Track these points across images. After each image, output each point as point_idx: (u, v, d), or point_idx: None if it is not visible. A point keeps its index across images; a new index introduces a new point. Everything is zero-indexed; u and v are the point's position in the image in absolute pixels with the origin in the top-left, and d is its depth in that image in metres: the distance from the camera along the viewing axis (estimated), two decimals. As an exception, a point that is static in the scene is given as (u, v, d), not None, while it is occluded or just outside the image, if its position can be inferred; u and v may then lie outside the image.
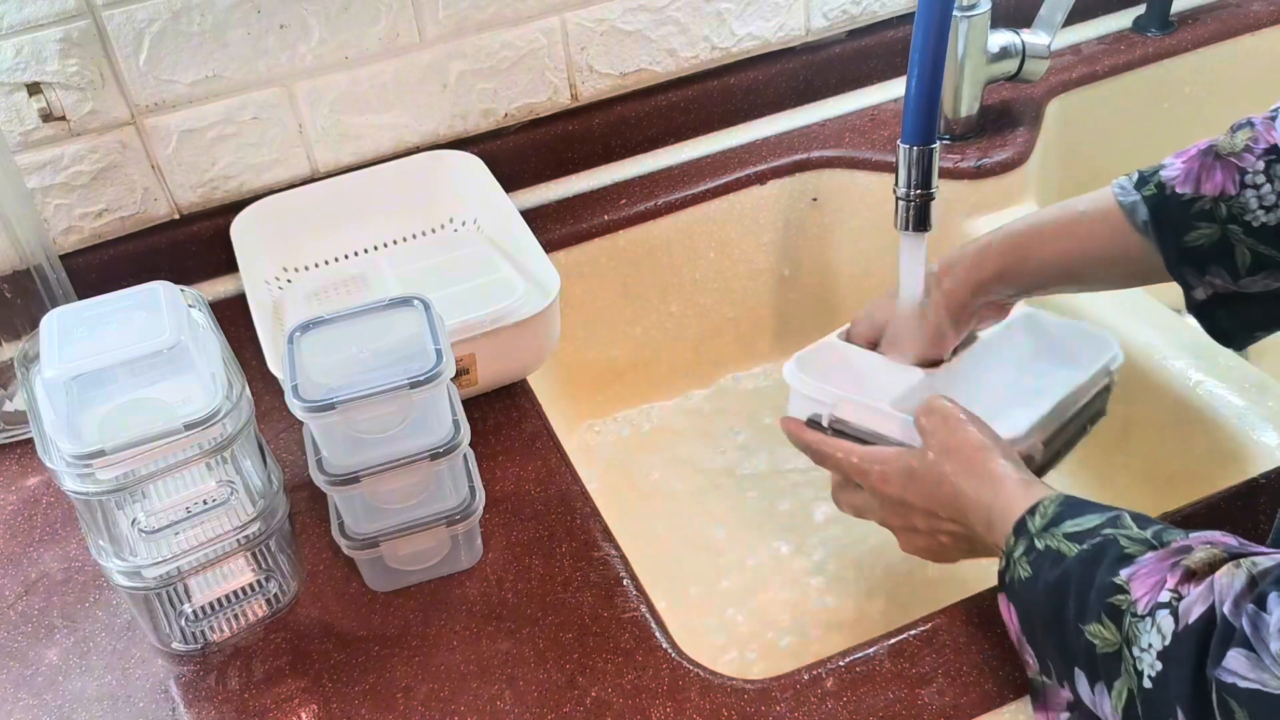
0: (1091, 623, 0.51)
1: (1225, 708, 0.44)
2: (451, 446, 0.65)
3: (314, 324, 0.67)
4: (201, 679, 0.66)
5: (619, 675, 0.63)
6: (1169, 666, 0.46)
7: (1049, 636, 0.54)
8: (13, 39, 0.84)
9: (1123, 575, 0.50)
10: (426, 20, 0.94)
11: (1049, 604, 0.54)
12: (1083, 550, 0.53)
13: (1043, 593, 0.54)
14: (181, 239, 0.96)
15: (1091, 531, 0.54)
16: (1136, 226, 0.67)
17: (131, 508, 0.64)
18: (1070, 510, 0.56)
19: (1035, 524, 0.56)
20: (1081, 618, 0.51)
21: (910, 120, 0.69)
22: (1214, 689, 0.44)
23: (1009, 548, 0.57)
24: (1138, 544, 0.51)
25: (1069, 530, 0.55)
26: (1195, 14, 1.15)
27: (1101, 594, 0.50)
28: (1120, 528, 0.53)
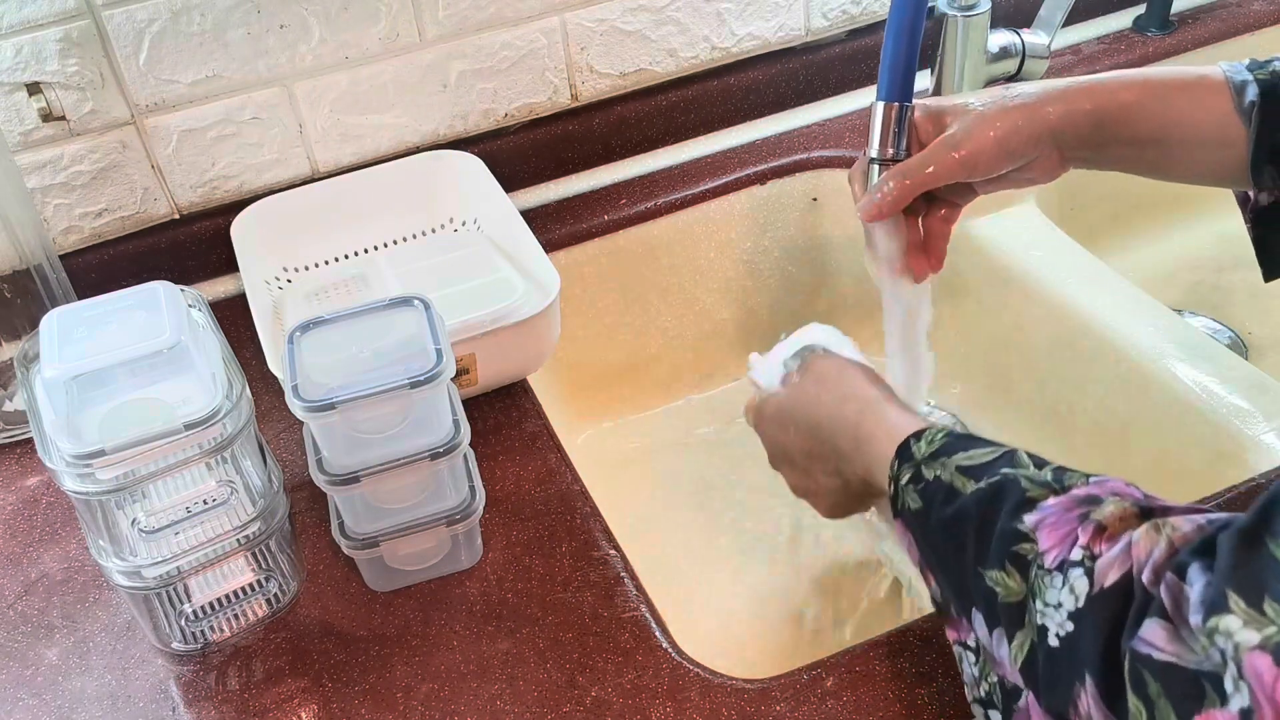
0: (993, 568, 0.49)
1: (1137, 678, 0.42)
2: (451, 446, 0.65)
3: (314, 324, 0.67)
4: (201, 679, 0.66)
5: (619, 675, 0.63)
6: (1081, 629, 0.45)
7: (946, 574, 0.53)
8: (13, 39, 0.84)
9: (1028, 522, 0.48)
10: (426, 20, 0.94)
11: (945, 542, 0.53)
12: (980, 489, 0.51)
13: (938, 529, 0.53)
14: (181, 239, 0.96)
15: (986, 467, 0.52)
16: (1240, 108, 0.62)
17: (131, 508, 0.64)
18: (959, 443, 0.55)
19: (920, 449, 0.55)
20: (981, 561, 0.50)
21: (886, 74, 0.67)
22: (1127, 658, 0.43)
23: (894, 471, 0.57)
24: (1039, 486, 0.50)
25: (961, 463, 0.53)
26: (1195, 14, 1.15)
27: (1005, 540, 0.49)
28: (1018, 466, 0.51)
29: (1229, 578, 0.40)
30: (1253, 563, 0.39)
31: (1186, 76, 0.64)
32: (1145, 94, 0.64)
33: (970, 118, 0.65)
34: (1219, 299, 1.09)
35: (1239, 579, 0.39)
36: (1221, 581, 0.40)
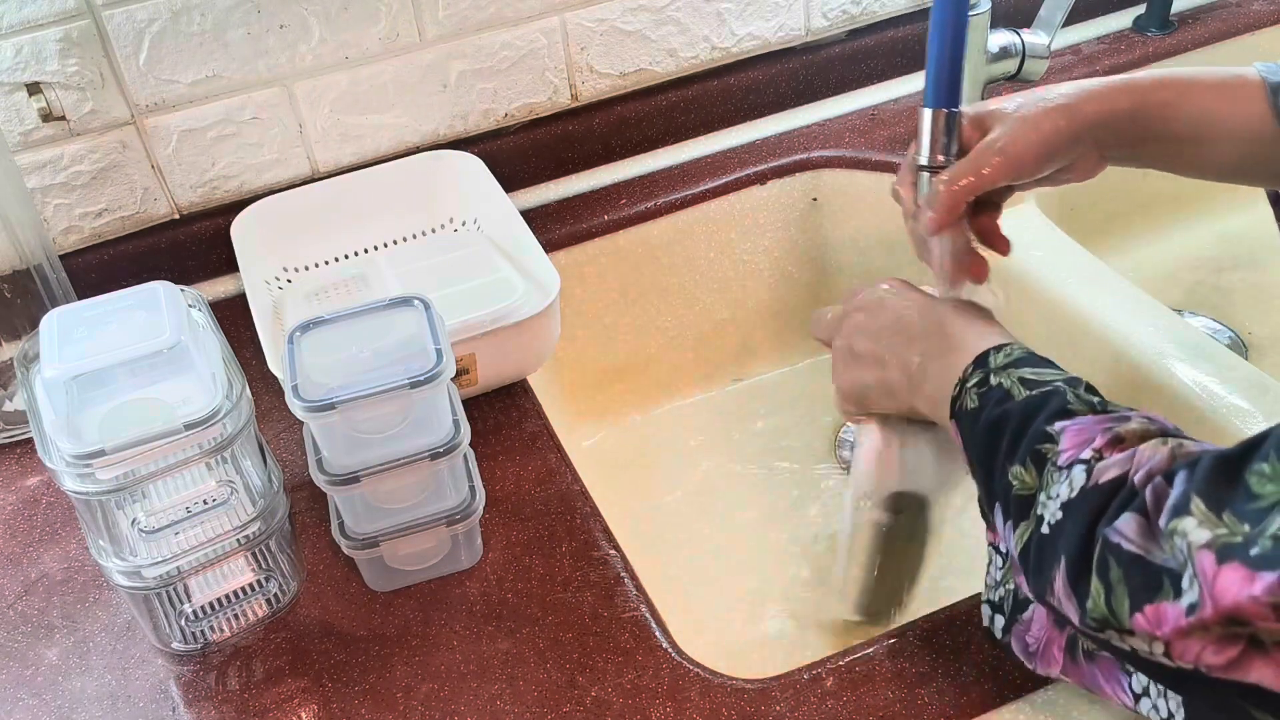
0: (1015, 464, 0.52)
1: (1103, 562, 0.45)
2: (451, 446, 0.65)
3: (314, 324, 0.67)
4: (201, 679, 0.66)
5: (619, 675, 0.63)
6: (1067, 516, 0.48)
7: (983, 471, 0.56)
8: (13, 39, 0.84)
9: (1057, 427, 0.51)
10: (426, 20, 0.94)
11: (986, 439, 0.55)
12: (1030, 396, 0.54)
13: (984, 428, 0.56)
14: (181, 239, 0.96)
15: (1046, 382, 0.55)
16: (1275, 106, 0.62)
17: (131, 508, 0.64)
18: (1034, 360, 0.57)
19: (996, 360, 0.58)
20: (1009, 458, 0.53)
21: (933, 80, 0.66)
22: (1099, 544, 0.46)
23: (965, 375, 0.59)
24: (1083, 404, 0.53)
25: (1025, 375, 0.56)
26: (1195, 14, 1.15)
27: (1032, 440, 0.52)
28: (1073, 387, 0.54)
29: (1199, 488, 0.43)
30: (1224, 481, 0.42)
31: (1223, 76, 0.65)
32: (1182, 92, 0.65)
33: (1012, 121, 0.65)
34: (1219, 299, 1.09)
35: (1206, 490, 0.43)
36: (1191, 488, 0.43)
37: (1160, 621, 0.43)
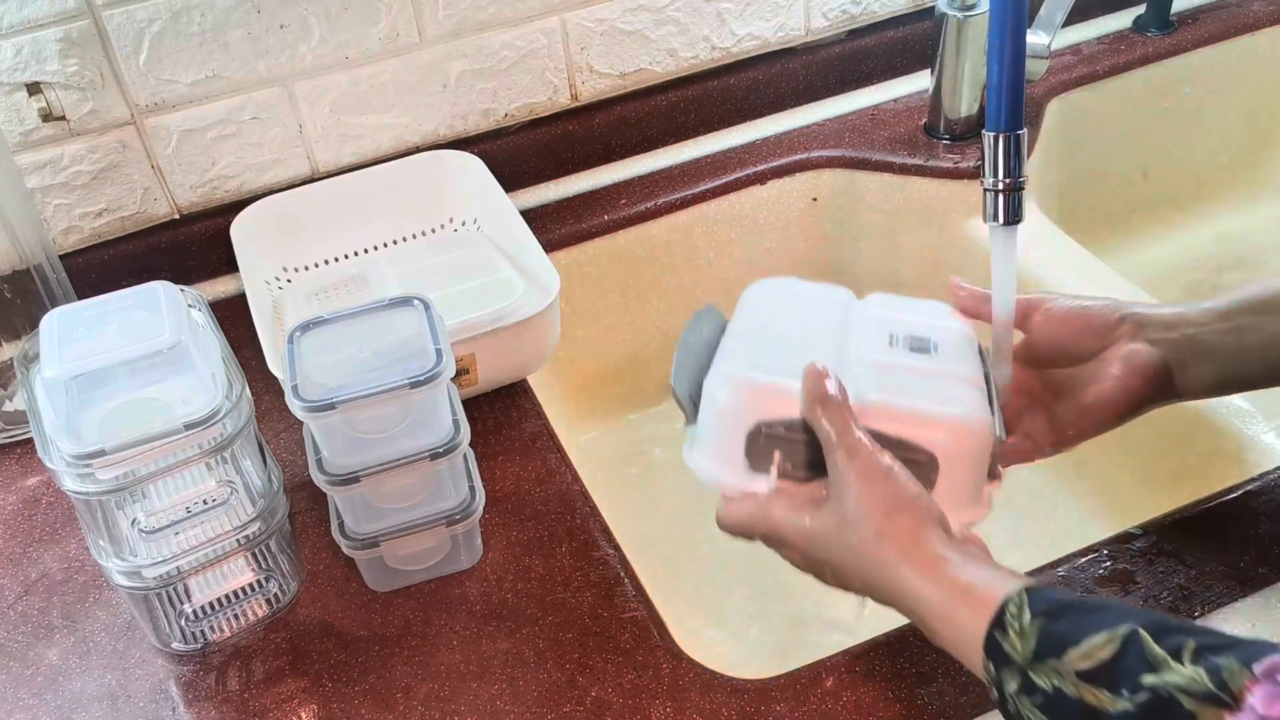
0: None
1: None
2: (451, 446, 0.65)
3: (314, 324, 0.67)
4: (201, 679, 0.66)
5: (619, 675, 0.63)
6: None
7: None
8: (13, 39, 0.84)
9: None
10: (426, 20, 0.94)
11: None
12: (1128, 714, 0.44)
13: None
14: (181, 239, 0.96)
15: (1114, 670, 0.45)
16: None
17: (131, 508, 0.64)
18: (1054, 619, 0.48)
19: (1017, 649, 0.48)
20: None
21: (994, 106, 0.65)
22: None
23: (994, 678, 0.49)
24: (1202, 701, 0.43)
25: (1080, 667, 0.46)
26: (1195, 14, 1.15)
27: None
28: (1157, 669, 0.44)
29: None
30: None
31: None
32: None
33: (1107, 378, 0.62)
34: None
35: None
36: None
37: None
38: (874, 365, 0.61)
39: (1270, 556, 0.65)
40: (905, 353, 0.63)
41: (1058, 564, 0.66)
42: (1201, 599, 0.63)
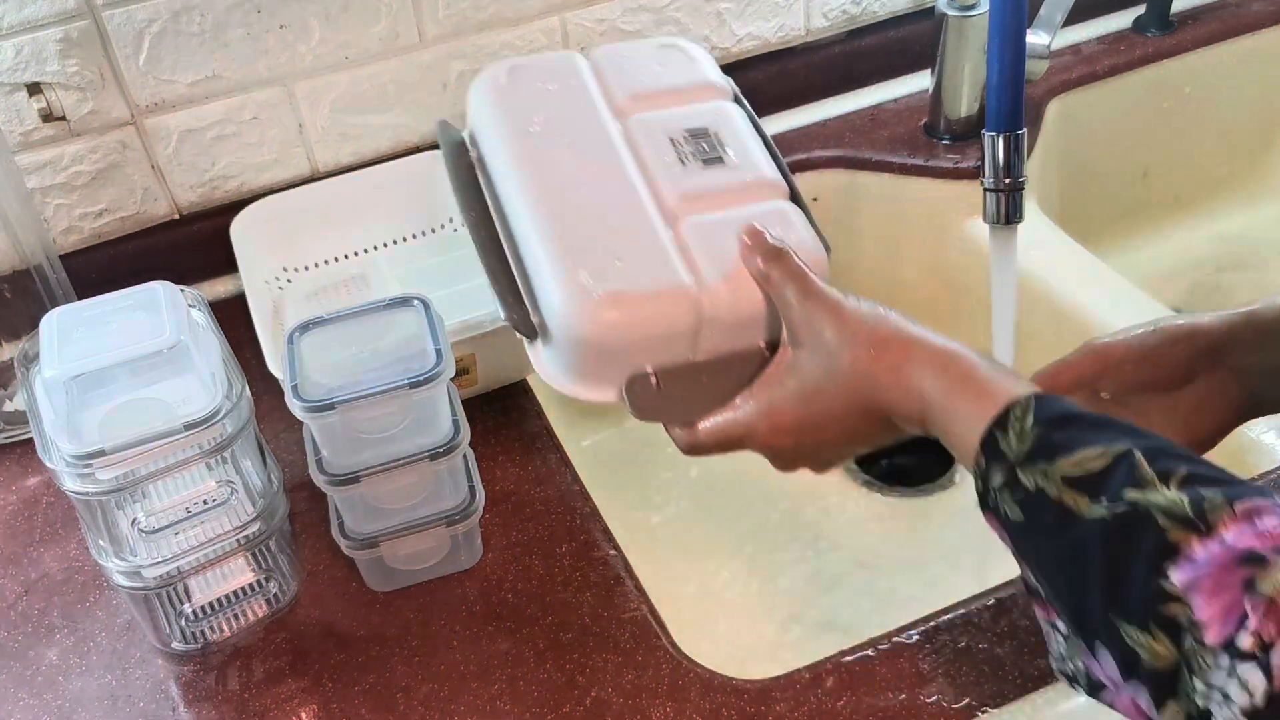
0: (1135, 625, 0.43)
1: None
2: (451, 446, 0.65)
3: (314, 324, 0.67)
4: (201, 679, 0.66)
5: (619, 675, 0.63)
6: None
7: (1059, 598, 0.48)
8: (13, 39, 0.84)
9: (1176, 582, 0.42)
10: (426, 20, 0.94)
11: (1060, 570, 0.47)
12: (1103, 520, 0.44)
13: (1050, 554, 0.47)
14: (181, 239, 0.96)
15: (1101, 481, 0.45)
16: None
17: (131, 508, 0.64)
18: (1055, 428, 0.47)
19: (1013, 446, 0.48)
20: (1117, 609, 0.44)
21: (994, 106, 0.65)
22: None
23: (981, 469, 0.49)
24: (1178, 524, 0.43)
25: (1068, 473, 0.46)
26: (1195, 14, 1.15)
27: (1150, 597, 0.43)
28: (1142, 484, 0.44)
29: None
30: None
31: None
32: None
33: None
34: (1219, 299, 1.09)
35: None
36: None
37: None
38: (684, 197, 0.60)
39: (1270, 556, 0.65)
40: (700, 169, 0.62)
41: (1058, 564, 0.66)
42: (1201, 599, 0.63)
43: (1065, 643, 0.50)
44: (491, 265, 0.61)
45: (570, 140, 0.63)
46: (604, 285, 0.56)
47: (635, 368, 0.58)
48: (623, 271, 0.57)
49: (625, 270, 0.57)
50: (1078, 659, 0.49)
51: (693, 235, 0.59)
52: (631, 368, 0.58)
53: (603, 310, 0.56)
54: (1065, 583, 0.46)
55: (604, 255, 0.58)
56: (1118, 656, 0.45)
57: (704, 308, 0.57)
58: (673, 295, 0.57)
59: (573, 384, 0.59)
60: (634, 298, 0.56)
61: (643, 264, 0.58)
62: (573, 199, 0.61)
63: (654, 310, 0.57)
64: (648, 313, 0.57)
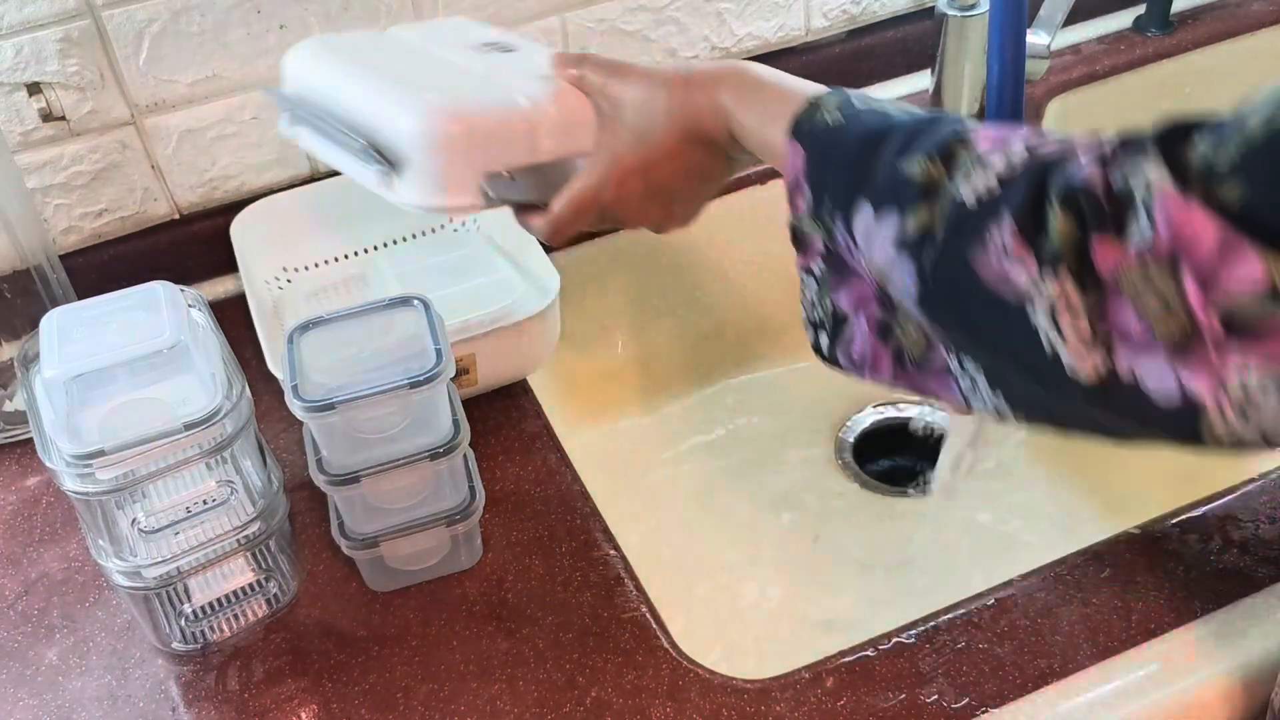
0: (915, 156, 0.48)
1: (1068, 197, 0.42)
2: (451, 446, 0.65)
3: (314, 324, 0.67)
4: (201, 679, 0.66)
5: (619, 675, 0.63)
6: (1007, 186, 0.44)
7: (842, 171, 0.52)
8: (13, 39, 0.84)
9: (967, 128, 0.48)
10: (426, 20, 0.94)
11: (859, 144, 0.51)
12: (919, 116, 0.50)
13: (857, 136, 0.51)
14: (181, 239, 0.96)
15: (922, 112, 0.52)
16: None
17: (131, 508, 0.64)
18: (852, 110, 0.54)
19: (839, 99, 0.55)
20: (902, 154, 0.48)
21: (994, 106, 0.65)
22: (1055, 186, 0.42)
23: (817, 96, 0.55)
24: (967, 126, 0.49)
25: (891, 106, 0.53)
26: (1195, 14, 1.15)
27: (937, 140, 0.48)
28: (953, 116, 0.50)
29: (1153, 139, 0.41)
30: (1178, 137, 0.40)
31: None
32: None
33: None
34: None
35: (1162, 139, 0.40)
36: (1146, 140, 0.41)
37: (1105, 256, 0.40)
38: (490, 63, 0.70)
39: (1270, 556, 0.65)
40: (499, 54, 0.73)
41: (1057, 564, 0.66)
42: (1201, 599, 0.63)
43: (817, 287, 0.56)
44: (338, 137, 0.67)
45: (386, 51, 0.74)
46: (449, 100, 0.65)
47: (489, 169, 0.65)
48: (461, 94, 0.66)
49: (463, 93, 0.67)
50: (826, 299, 0.55)
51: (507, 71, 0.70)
52: (484, 171, 0.65)
53: (452, 120, 0.64)
54: (859, 150, 0.51)
55: (441, 88, 0.67)
56: (876, 195, 0.49)
57: (535, 114, 0.65)
58: (506, 107, 0.65)
59: (435, 196, 0.65)
60: (475, 108, 0.65)
61: (476, 90, 0.67)
62: (402, 70, 0.70)
63: (495, 117, 0.65)
64: (490, 119, 0.65)
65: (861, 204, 0.50)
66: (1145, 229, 0.39)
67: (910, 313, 0.50)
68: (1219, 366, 0.38)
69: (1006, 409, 0.48)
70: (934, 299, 0.47)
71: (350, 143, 0.66)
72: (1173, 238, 0.38)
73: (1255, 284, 0.36)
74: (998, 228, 0.43)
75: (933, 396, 0.52)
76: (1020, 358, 0.44)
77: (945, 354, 0.49)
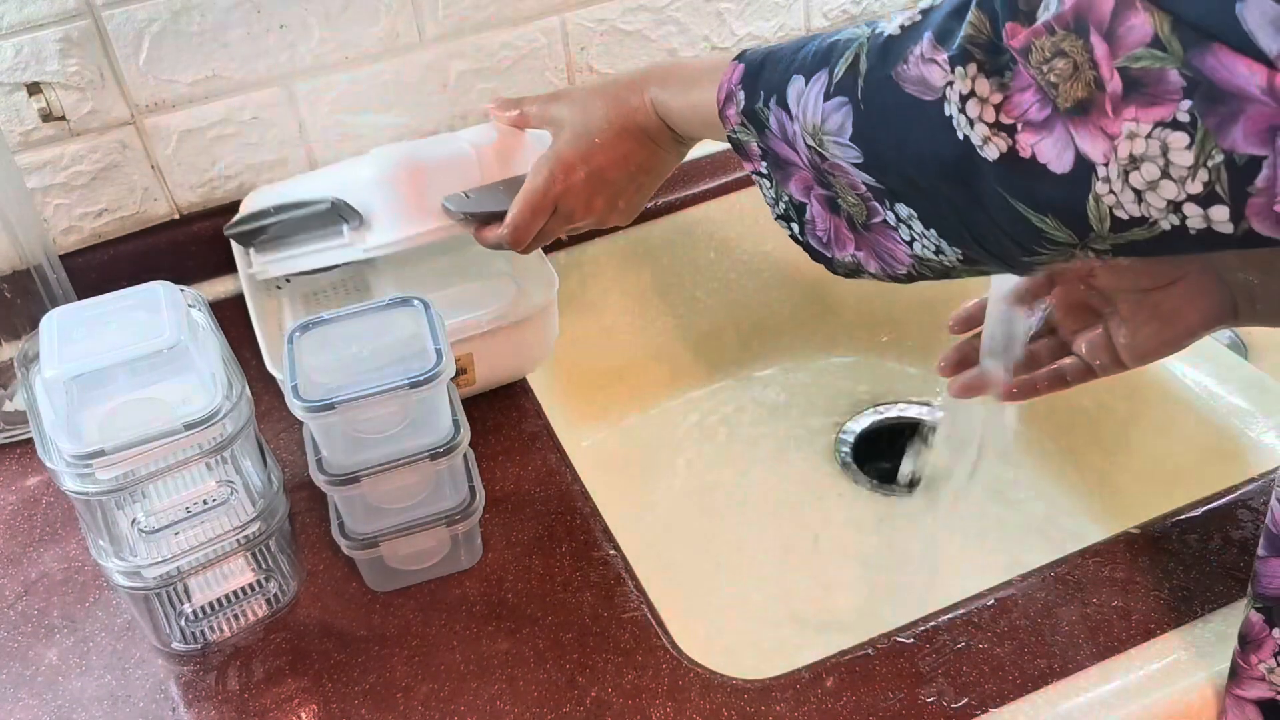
0: (843, 33, 0.53)
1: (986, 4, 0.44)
2: (451, 446, 0.65)
3: (314, 324, 0.67)
4: (201, 679, 0.66)
5: (619, 675, 0.63)
6: (928, 12, 0.48)
7: (777, 65, 0.56)
8: (13, 39, 0.84)
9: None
10: (426, 20, 0.94)
11: (796, 44, 0.56)
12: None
13: (789, 45, 0.56)
14: (181, 239, 0.96)
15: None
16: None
17: (131, 508, 0.64)
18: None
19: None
20: (831, 36, 0.54)
21: None
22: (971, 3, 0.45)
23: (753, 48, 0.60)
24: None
25: None
26: (1195, 14, 1.15)
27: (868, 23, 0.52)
28: None
29: None
30: None
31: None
32: None
33: None
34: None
35: None
36: None
37: (1015, 34, 0.43)
38: None
39: (1270, 556, 0.65)
40: None
41: (1057, 564, 0.66)
42: (1201, 599, 0.63)
43: (770, 184, 0.61)
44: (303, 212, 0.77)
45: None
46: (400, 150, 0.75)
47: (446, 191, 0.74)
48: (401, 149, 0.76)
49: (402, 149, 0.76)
50: (783, 193, 0.60)
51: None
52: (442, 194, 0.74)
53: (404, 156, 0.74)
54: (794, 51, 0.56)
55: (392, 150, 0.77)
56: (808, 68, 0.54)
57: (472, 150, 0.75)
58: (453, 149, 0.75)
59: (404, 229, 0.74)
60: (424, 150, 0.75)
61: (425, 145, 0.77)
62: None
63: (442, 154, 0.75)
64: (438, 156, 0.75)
65: (794, 78, 0.55)
66: (1054, 4, 0.41)
67: (846, 170, 0.53)
68: (1113, 124, 0.40)
69: (944, 245, 0.51)
70: (864, 122, 0.51)
71: (317, 206, 0.74)
72: (1077, 2, 0.40)
73: (1145, 35, 0.38)
74: (918, 44, 0.48)
75: (890, 259, 0.55)
76: (939, 155, 0.47)
77: (883, 209, 0.53)
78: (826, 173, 0.55)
